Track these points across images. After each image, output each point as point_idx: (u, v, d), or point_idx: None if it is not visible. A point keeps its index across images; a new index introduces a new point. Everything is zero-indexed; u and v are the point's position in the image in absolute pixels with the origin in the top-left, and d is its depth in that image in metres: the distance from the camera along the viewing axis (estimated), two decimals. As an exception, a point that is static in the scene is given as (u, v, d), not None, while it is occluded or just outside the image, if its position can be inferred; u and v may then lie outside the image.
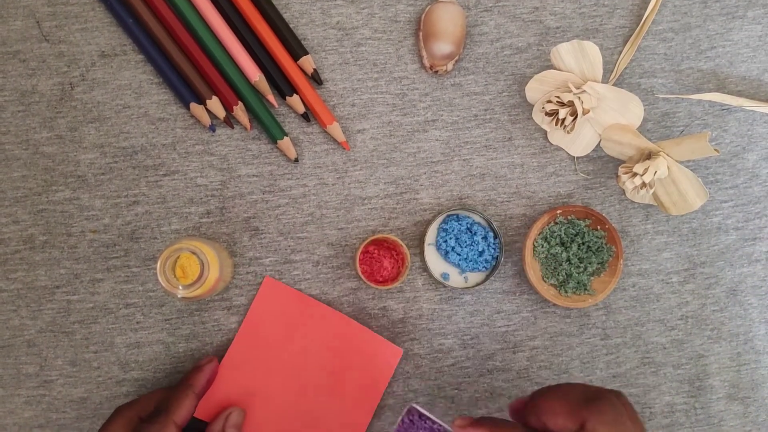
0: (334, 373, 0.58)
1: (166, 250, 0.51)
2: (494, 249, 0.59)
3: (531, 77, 0.60)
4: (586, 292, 0.60)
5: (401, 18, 0.61)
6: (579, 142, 0.61)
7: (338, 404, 0.58)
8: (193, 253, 0.51)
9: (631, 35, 0.62)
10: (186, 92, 0.59)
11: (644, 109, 0.60)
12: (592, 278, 0.60)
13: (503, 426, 0.48)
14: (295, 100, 0.59)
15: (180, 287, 0.51)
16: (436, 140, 0.61)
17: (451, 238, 0.59)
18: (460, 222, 0.59)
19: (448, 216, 0.60)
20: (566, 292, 0.59)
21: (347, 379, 0.58)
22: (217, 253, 0.55)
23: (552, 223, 0.60)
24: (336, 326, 0.59)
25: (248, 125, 0.59)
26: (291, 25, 0.60)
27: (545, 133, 0.61)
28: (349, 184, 0.60)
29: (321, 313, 0.59)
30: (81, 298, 0.59)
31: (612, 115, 0.59)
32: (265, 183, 0.60)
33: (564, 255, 0.59)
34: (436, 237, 0.60)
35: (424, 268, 0.60)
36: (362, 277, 0.58)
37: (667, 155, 0.58)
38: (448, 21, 0.59)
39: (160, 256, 0.51)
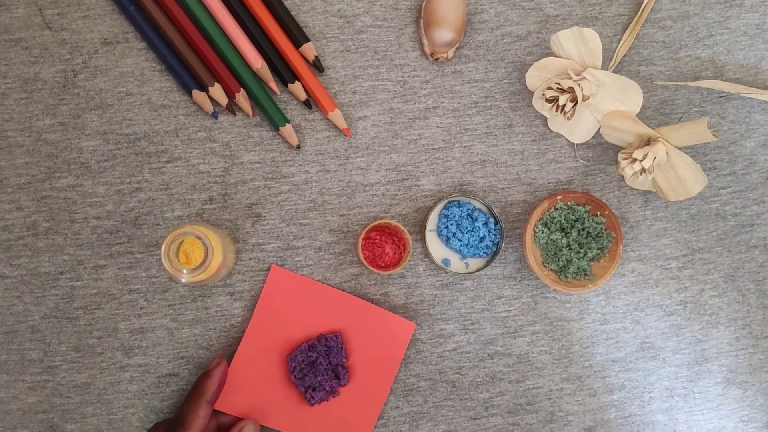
0: (349, 353, 0.59)
1: (171, 234, 0.51)
2: (495, 235, 0.60)
3: (531, 64, 0.60)
4: (586, 277, 0.60)
5: (402, 5, 0.61)
6: (579, 128, 0.61)
7: (356, 383, 0.59)
8: (198, 237, 0.51)
9: (630, 23, 0.62)
10: (188, 79, 0.59)
11: (643, 97, 0.60)
12: (591, 264, 0.60)
13: None
14: (296, 87, 0.60)
15: (184, 271, 0.51)
16: (437, 127, 0.61)
17: (452, 224, 0.59)
18: (461, 208, 0.60)
19: (449, 202, 0.60)
20: (566, 277, 0.60)
21: (363, 358, 0.59)
22: (221, 238, 0.55)
23: (552, 209, 0.60)
24: (346, 307, 0.59)
25: (250, 112, 0.60)
26: (292, 13, 0.61)
27: (545, 120, 0.62)
28: (350, 170, 0.61)
29: (330, 297, 0.59)
30: (84, 284, 0.59)
31: (611, 102, 0.60)
32: (268, 170, 0.60)
33: (564, 241, 0.60)
34: (438, 223, 0.60)
35: (426, 254, 0.60)
36: (364, 262, 0.58)
37: (666, 141, 0.58)
38: (448, 8, 0.59)
39: (164, 240, 0.51)
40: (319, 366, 0.58)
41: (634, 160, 0.57)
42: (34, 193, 0.59)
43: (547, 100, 0.59)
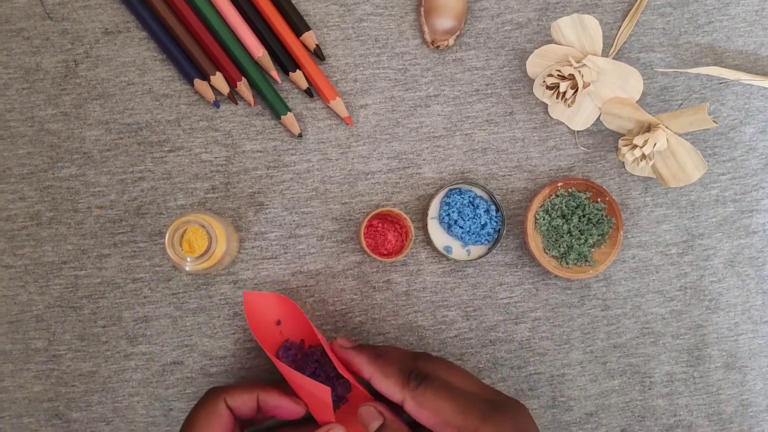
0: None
1: (175, 222, 0.51)
2: (496, 222, 0.60)
3: (531, 52, 0.60)
4: (587, 263, 0.60)
5: (403, -6, 0.61)
6: (579, 115, 0.61)
7: (355, 393, 0.57)
8: (202, 225, 0.51)
9: (630, 10, 0.62)
10: (190, 68, 0.59)
11: (643, 84, 0.61)
12: (592, 250, 0.61)
13: (384, 358, 0.52)
14: (298, 75, 0.60)
15: (188, 259, 0.52)
16: (438, 115, 0.62)
17: (453, 212, 0.60)
18: (462, 196, 0.60)
19: (451, 190, 0.60)
20: (567, 263, 0.60)
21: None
22: (224, 227, 0.55)
23: (553, 196, 0.61)
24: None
25: (252, 101, 0.60)
26: (293, 1, 0.61)
27: (546, 107, 0.62)
28: (352, 159, 0.61)
29: (298, 314, 0.57)
30: (88, 274, 0.60)
31: (612, 89, 0.60)
32: (270, 158, 0.61)
33: (565, 227, 0.60)
34: (439, 211, 0.60)
35: (428, 242, 0.61)
36: (367, 250, 0.58)
37: (667, 128, 0.59)
38: (449, -4, 0.59)
39: (168, 228, 0.51)
40: (318, 378, 0.56)
41: (635, 146, 0.58)
42: (37, 183, 0.60)
43: (548, 87, 0.60)
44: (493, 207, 0.60)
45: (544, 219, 0.60)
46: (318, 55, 0.60)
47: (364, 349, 0.53)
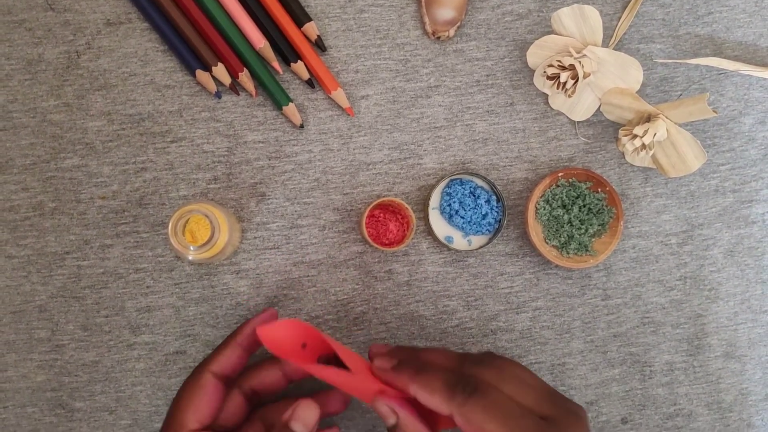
0: None
1: (178, 212, 0.52)
2: (497, 212, 0.61)
3: (532, 42, 0.61)
4: (588, 253, 0.61)
5: (404, -15, 0.62)
6: (579, 106, 0.62)
7: None
8: (204, 215, 0.52)
9: (630, 1, 0.63)
10: (192, 59, 0.59)
11: (643, 74, 0.61)
12: (593, 239, 0.61)
13: (426, 372, 0.48)
14: (299, 66, 0.60)
15: (191, 248, 0.52)
16: (439, 106, 0.62)
17: (454, 202, 0.60)
18: (463, 186, 0.60)
19: (452, 180, 0.61)
20: (568, 253, 0.61)
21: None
22: (227, 216, 0.55)
23: (554, 186, 0.61)
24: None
25: (253, 92, 0.60)
26: (295, -7, 0.61)
27: (546, 98, 0.62)
28: (353, 149, 0.61)
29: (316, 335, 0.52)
30: (91, 264, 0.60)
31: (612, 79, 0.60)
32: (271, 149, 0.61)
33: (565, 217, 0.60)
34: (440, 201, 0.61)
35: (429, 232, 0.61)
36: (369, 240, 0.59)
37: (666, 118, 0.59)
38: (450, -13, 0.59)
39: (171, 217, 0.52)
40: None
41: (635, 136, 0.58)
42: (39, 174, 0.60)
43: (549, 78, 0.60)
44: (494, 197, 0.61)
45: (544, 209, 0.61)
46: (319, 46, 0.61)
47: (404, 367, 0.49)
